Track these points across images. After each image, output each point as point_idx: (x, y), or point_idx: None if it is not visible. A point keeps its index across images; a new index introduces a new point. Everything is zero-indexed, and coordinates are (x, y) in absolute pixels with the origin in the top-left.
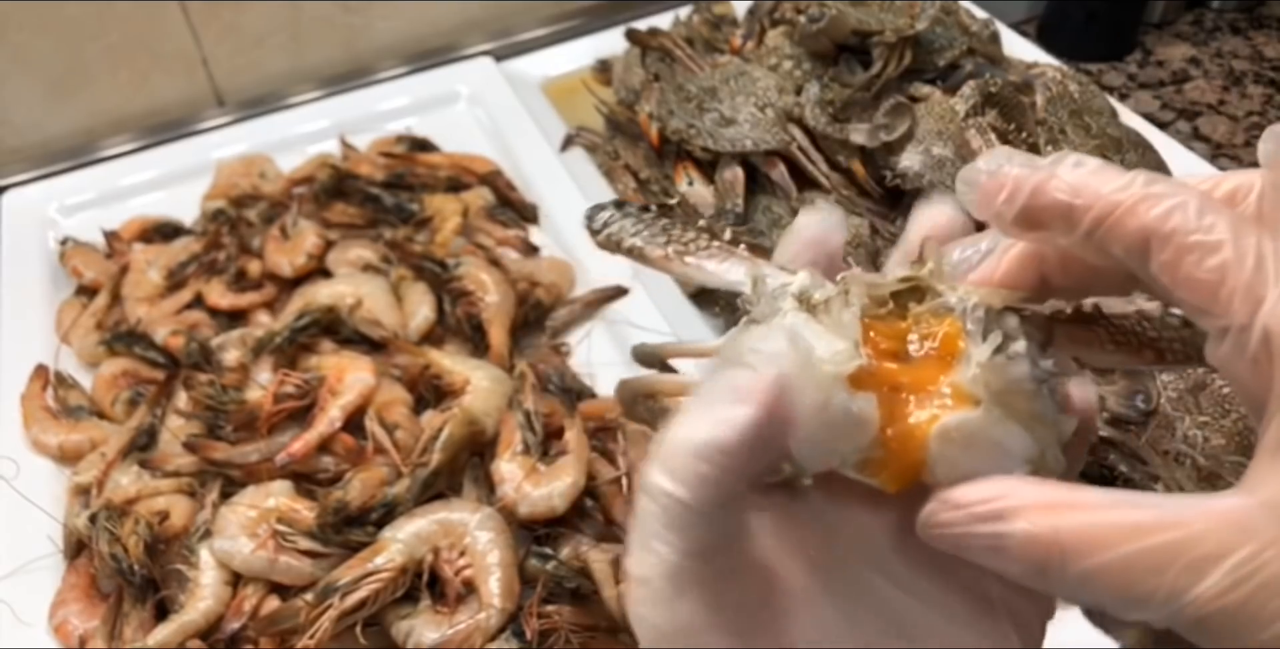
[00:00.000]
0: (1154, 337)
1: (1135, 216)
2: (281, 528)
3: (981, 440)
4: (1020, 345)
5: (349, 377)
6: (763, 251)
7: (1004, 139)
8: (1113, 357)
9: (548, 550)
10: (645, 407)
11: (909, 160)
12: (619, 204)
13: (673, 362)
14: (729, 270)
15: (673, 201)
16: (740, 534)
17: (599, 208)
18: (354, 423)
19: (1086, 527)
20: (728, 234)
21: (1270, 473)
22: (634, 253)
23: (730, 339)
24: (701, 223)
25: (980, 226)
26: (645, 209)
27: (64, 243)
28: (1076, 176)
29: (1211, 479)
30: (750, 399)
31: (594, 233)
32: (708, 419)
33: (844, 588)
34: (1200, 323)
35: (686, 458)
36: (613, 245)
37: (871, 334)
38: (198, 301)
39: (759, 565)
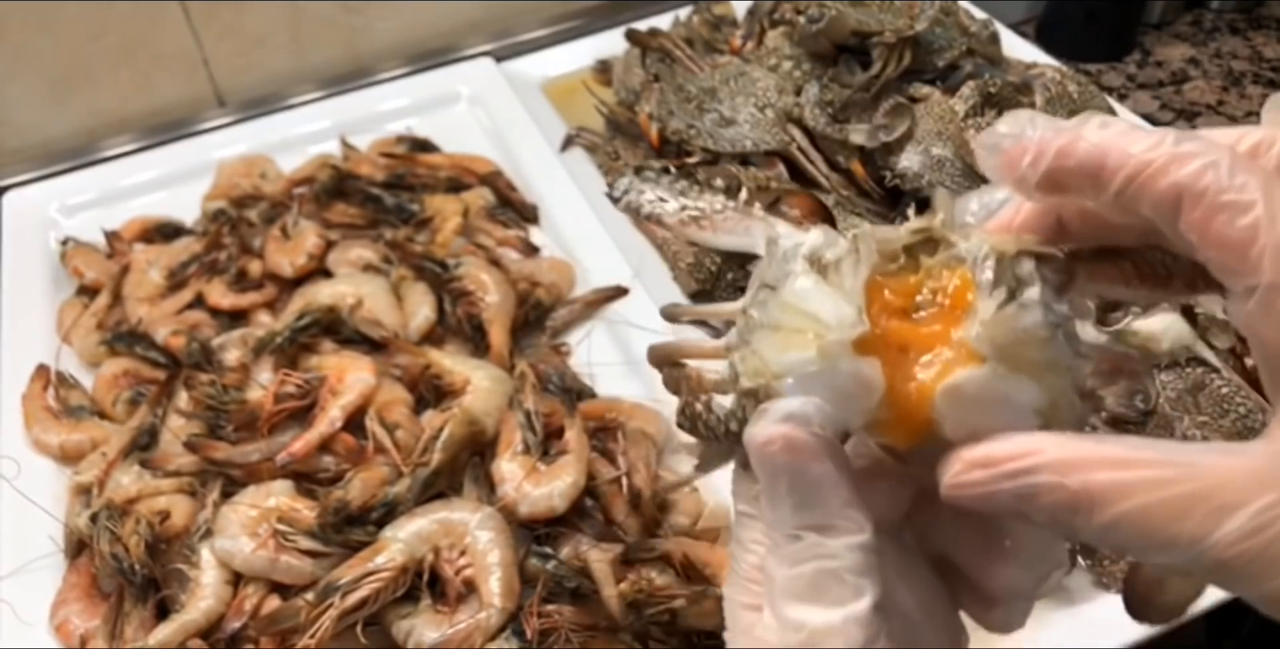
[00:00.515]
0: (1181, 266)
1: (1166, 175)
2: (282, 527)
3: (986, 397)
4: (1033, 292)
5: (349, 376)
6: (778, 211)
7: None
8: (1139, 291)
9: (548, 550)
10: (670, 373)
11: (908, 160)
12: (638, 169)
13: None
14: (744, 233)
15: (693, 160)
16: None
17: (619, 175)
18: (354, 423)
19: (1113, 478)
20: (744, 195)
21: None
22: (652, 218)
23: (747, 302)
24: (719, 182)
25: None
26: (666, 170)
27: (65, 243)
28: (1104, 137)
29: None
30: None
31: (614, 200)
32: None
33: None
34: (1227, 281)
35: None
36: (633, 211)
37: (883, 293)
38: (199, 302)
39: None
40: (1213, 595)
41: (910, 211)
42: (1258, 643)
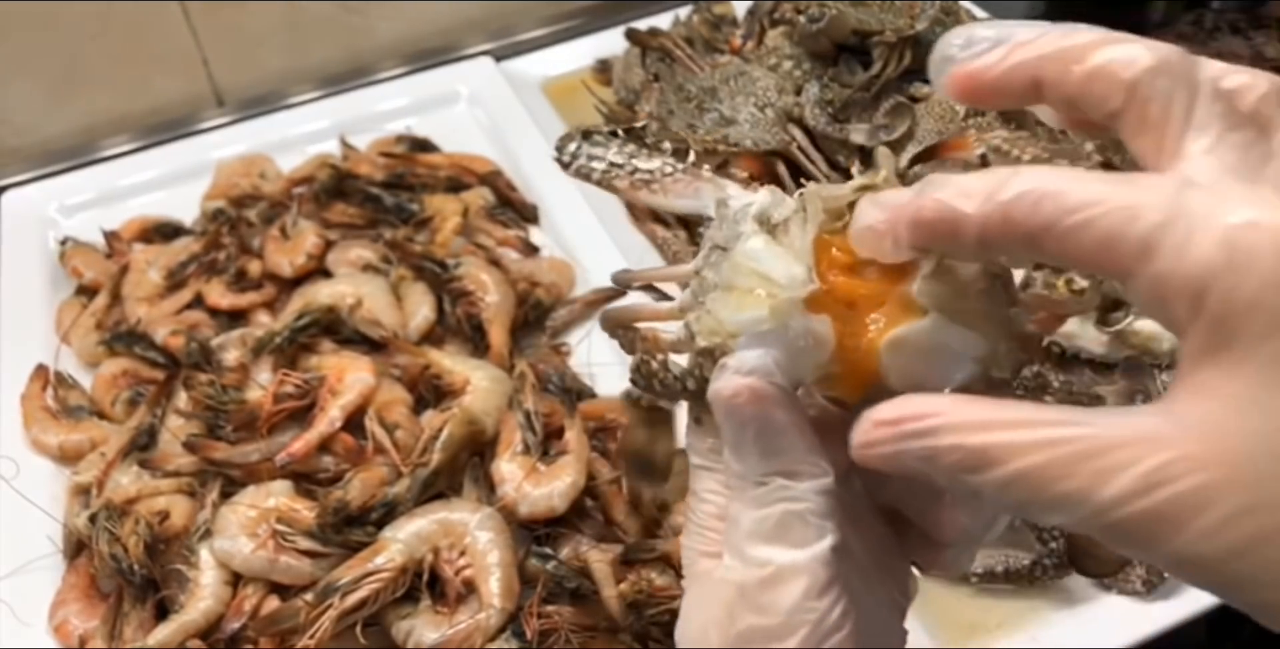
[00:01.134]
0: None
1: (1014, 224)
2: (281, 528)
3: (928, 347)
4: None
5: (349, 376)
6: (726, 172)
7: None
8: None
9: (548, 550)
10: (623, 338)
11: (909, 160)
12: (586, 134)
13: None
14: (694, 194)
15: (640, 123)
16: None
17: (568, 138)
18: (354, 423)
19: (1009, 437)
20: (691, 157)
21: (1184, 392)
22: (603, 184)
23: (699, 264)
24: (666, 145)
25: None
26: (614, 134)
27: (64, 243)
28: (941, 202)
29: None
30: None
31: (564, 165)
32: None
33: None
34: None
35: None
36: (583, 176)
37: (831, 250)
38: (198, 301)
39: None
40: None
41: (855, 169)
42: (1258, 644)
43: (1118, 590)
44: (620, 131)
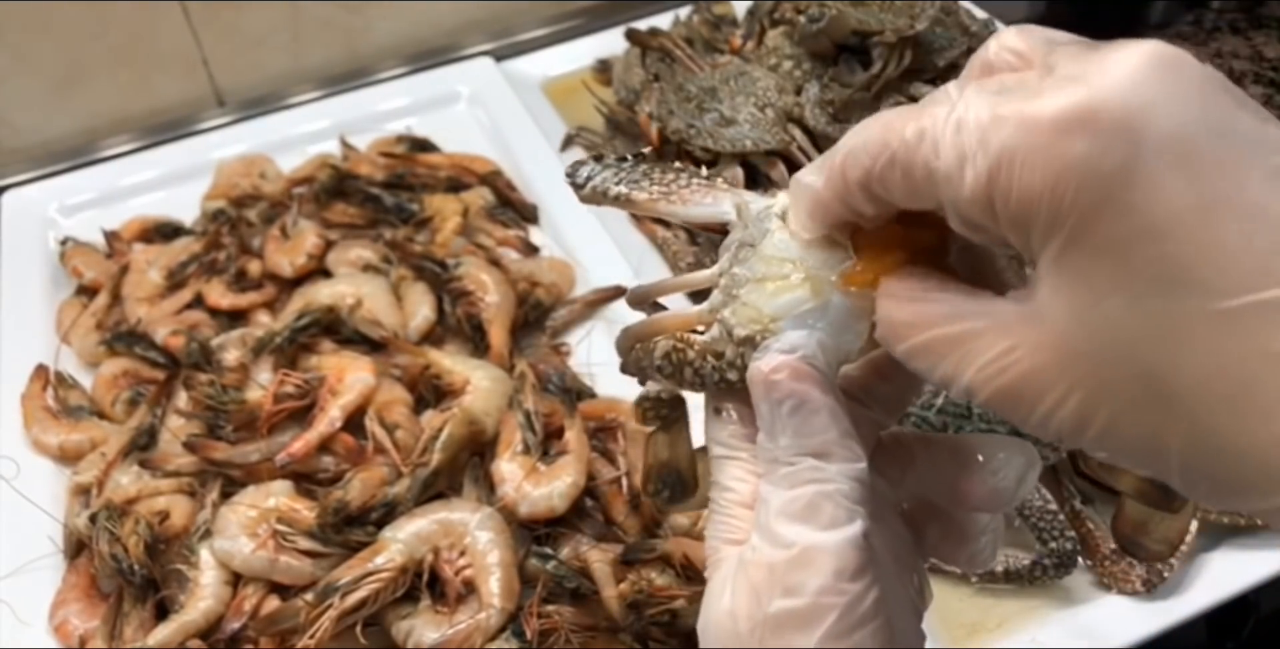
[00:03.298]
0: None
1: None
2: (282, 528)
3: None
4: None
5: (349, 377)
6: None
7: None
8: None
9: (548, 550)
10: (641, 353)
11: None
12: (598, 157)
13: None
14: (713, 203)
15: (646, 149)
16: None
17: (580, 163)
18: (354, 423)
19: (912, 314)
20: (704, 171)
21: (1035, 284)
22: (620, 200)
23: (725, 265)
24: (678, 164)
25: None
26: (623, 159)
27: (64, 243)
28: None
29: None
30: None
31: (578, 187)
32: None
33: None
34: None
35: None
36: (598, 197)
37: (858, 234)
38: (198, 302)
39: None
40: (1214, 597)
41: None
42: (1259, 644)
43: (1117, 590)
44: (630, 156)
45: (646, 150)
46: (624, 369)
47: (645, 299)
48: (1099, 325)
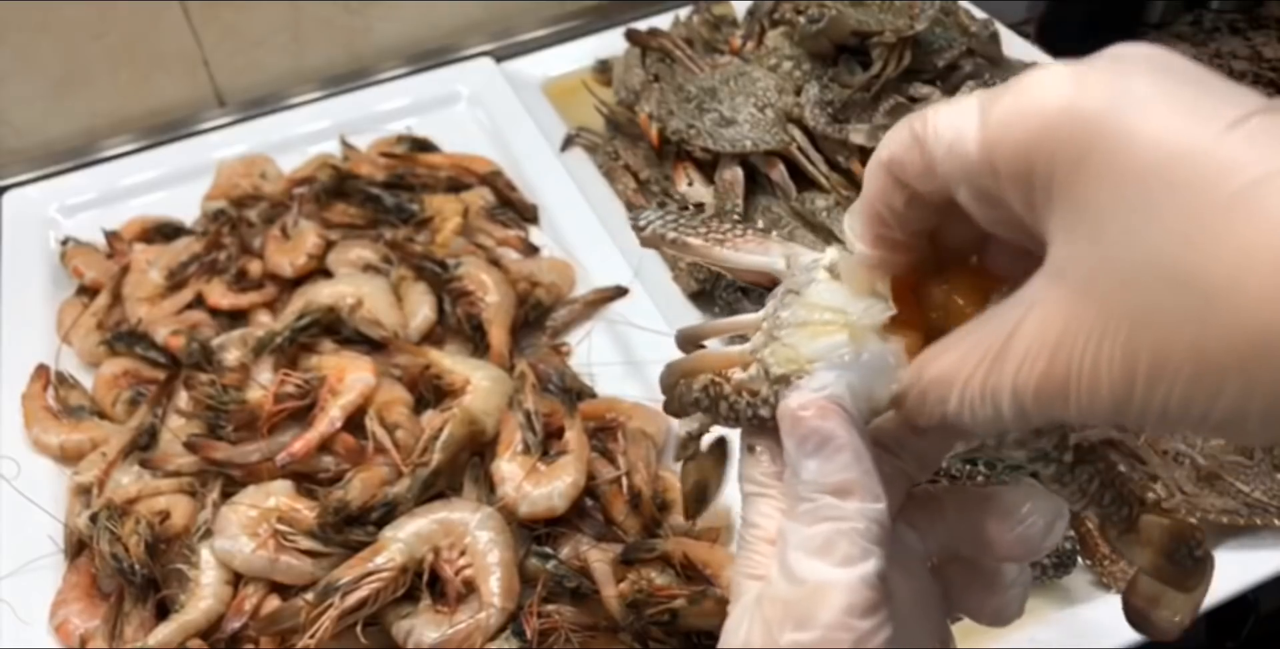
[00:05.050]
0: None
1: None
2: (282, 527)
3: None
4: None
5: (349, 376)
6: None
7: None
8: None
9: (548, 550)
10: (685, 389)
11: None
12: (661, 204)
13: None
14: (764, 252)
15: (706, 202)
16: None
17: (643, 209)
18: (354, 423)
19: (941, 367)
20: (760, 224)
21: (1051, 251)
22: (678, 244)
23: (770, 310)
24: (735, 216)
25: None
26: (684, 208)
27: (65, 243)
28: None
29: (1210, 479)
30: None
31: (639, 229)
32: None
33: None
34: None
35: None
36: (657, 240)
37: (903, 290)
38: (198, 301)
39: None
40: (1214, 596)
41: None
42: (1259, 644)
43: (1117, 590)
44: (691, 206)
45: (706, 202)
46: (667, 407)
47: (693, 339)
48: (1120, 246)
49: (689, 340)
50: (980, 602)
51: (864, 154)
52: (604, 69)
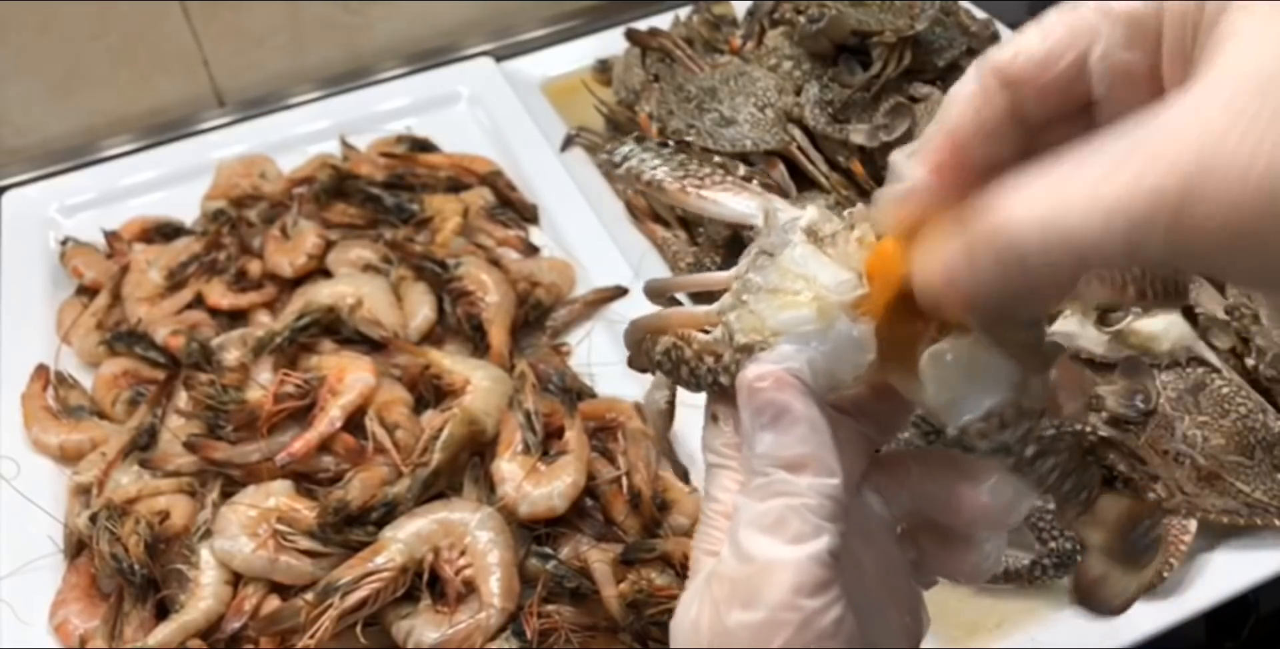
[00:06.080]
0: (1142, 280)
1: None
2: (282, 528)
3: (969, 364)
4: None
5: (349, 376)
6: (774, 189)
7: None
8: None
9: (548, 550)
10: (649, 346)
11: None
12: (639, 138)
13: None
14: (742, 203)
15: (690, 138)
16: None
17: (620, 143)
18: (354, 423)
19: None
20: (741, 170)
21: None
22: (652, 185)
23: (742, 269)
24: (717, 159)
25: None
26: (664, 144)
27: (65, 243)
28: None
29: (1210, 479)
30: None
31: (614, 165)
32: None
33: None
34: None
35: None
36: (632, 179)
37: (879, 263)
38: (198, 301)
39: None
40: (1213, 596)
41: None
42: (1258, 643)
43: None
44: (672, 142)
45: (688, 139)
46: (631, 362)
47: (662, 292)
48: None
49: (659, 292)
50: (955, 561)
51: (864, 154)
52: (604, 69)
